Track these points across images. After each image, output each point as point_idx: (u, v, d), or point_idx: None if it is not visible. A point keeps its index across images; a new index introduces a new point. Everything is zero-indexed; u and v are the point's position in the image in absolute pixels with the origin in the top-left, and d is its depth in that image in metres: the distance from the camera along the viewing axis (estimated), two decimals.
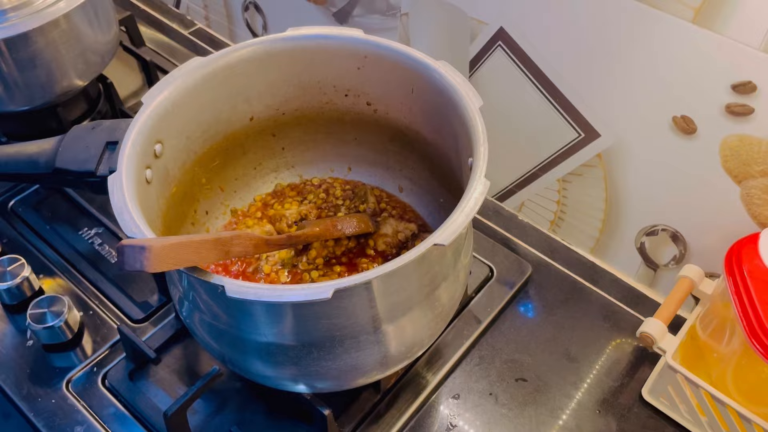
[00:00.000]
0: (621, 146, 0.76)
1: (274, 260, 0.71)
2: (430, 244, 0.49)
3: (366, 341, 0.56)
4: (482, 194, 0.52)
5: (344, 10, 0.93)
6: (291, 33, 0.67)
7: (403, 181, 0.77)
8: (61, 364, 0.73)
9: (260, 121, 0.73)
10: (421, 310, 0.58)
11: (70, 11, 0.81)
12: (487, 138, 0.56)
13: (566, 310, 0.79)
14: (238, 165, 0.75)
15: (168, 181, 0.65)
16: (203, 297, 0.57)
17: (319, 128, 0.76)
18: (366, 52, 0.66)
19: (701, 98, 0.66)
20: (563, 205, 0.86)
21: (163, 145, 0.63)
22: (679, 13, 0.63)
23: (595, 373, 0.74)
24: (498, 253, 0.84)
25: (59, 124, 0.90)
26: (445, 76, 0.61)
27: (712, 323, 0.69)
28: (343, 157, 0.79)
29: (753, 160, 0.66)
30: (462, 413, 0.70)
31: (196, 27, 1.18)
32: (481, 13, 0.78)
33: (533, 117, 0.81)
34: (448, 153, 0.66)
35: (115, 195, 0.54)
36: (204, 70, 0.65)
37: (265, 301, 0.48)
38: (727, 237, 0.70)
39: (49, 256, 0.82)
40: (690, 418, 0.69)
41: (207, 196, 0.73)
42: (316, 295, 0.47)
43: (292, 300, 0.48)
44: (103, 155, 0.63)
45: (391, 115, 0.71)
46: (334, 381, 0.59)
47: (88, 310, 0.77)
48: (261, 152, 0.76)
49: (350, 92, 0.71)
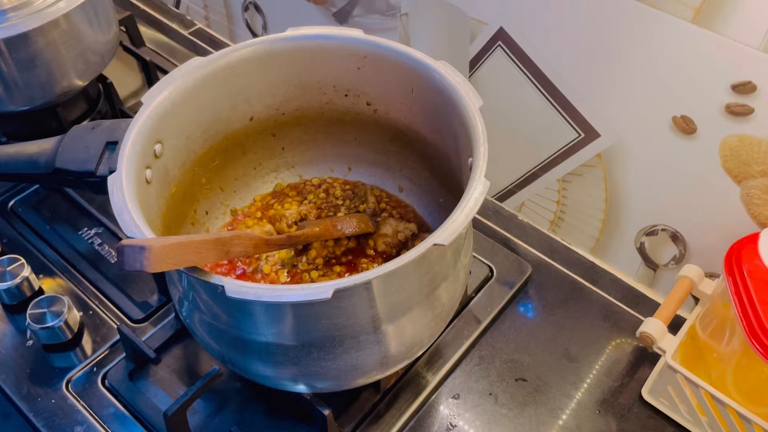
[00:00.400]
0: (621, 146, 0.76)
1: (274, 260, 0.71)
2: (430, 244, 0.49)
3: (366, 341, 0.56)
4: (482, 194, 0.52)
5: (344, 10, 0.93)
6: (291, 33, 0.67)
7: (403, 181, 0.77)
8: (61, 364, 0.73)
9: (260, 121, 0.73)
10: (421, 310, 0.58)
11: (70, 11, 0.81)
12: (487, 138, 0.56)
13: (566, 310, 0.79)
14: (238, 165, 0.75)
15: (168, 181, 0.65)
16: (203, 297, 0.57)
17: (319, 128, 0.76)
18: (366, 52, 0.66)
19: (701, 98, 0.66)
20: (563, 205, 0.86)
21: (163, 145, 0.63)
22: (679, 13, 0.63)
23: (595, 373, 0.74)
24: (498, 253, 0.84)
25: (59, 124, 0.90)
26: (445, 76, 0.61)
27: (712, 323, 0.69)
28: (343, 157, 0.79)
29: (753, 160, 0.66)
30: (462, 413, 0.70)
31: (196, 27, 1.18)
32: (481, 13, 0.78)
33: (533, 117, 0.81)
34: (448, 153, 0.66)
35: (115, 195, 0.54)
36: (204, 70, 0.65)
37: (265, 301, 0.48)
38: (727, 237, 0.70)
39: (49, 256, 0.82)
40: (690, 418, 0.69)
41: (207, 196, 0.73)
42: (316, 295, 0.47)
43: (292, 300, 0.48)
44: (103, 155, 0.63)
45: (391, 115, 0.71)
46: (334, 381, 0.59)
47: (88, 310, 0.77)
48: (261, 152, 0.76)
49: (350, 92, 0.71)
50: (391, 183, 0.78)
